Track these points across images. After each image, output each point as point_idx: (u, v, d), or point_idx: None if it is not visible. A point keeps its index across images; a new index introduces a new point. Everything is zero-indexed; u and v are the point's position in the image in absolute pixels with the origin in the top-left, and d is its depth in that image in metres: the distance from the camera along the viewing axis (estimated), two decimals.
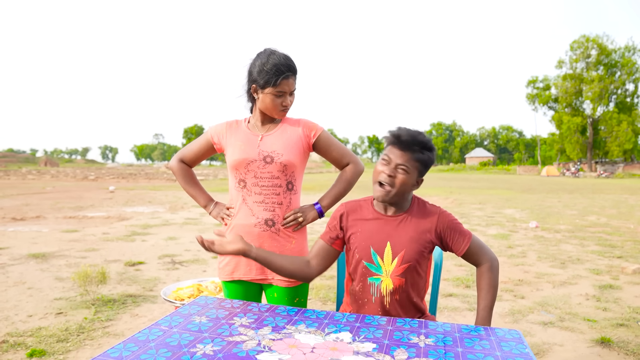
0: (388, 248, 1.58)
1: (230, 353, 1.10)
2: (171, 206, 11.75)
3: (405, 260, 1.57)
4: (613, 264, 5.28)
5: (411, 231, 1.59)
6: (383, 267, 1.59)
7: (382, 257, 1.58)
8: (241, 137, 1.77)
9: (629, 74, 46.48)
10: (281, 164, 1.72)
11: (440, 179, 32.27)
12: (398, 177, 1.54)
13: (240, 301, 1.55)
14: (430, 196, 15.68)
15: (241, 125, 1.82)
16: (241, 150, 1.74)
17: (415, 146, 1.54)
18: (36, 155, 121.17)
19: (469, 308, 3.68)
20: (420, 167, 1.57)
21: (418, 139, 1.55)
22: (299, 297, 1.81)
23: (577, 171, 40.54)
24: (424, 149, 1.56)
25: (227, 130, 1.81)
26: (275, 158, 1.72)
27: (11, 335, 2.98)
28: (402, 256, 1.57)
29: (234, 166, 1.75)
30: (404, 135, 1.55)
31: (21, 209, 10.67)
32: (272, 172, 1.73)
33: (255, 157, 1.72)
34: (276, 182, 1.73)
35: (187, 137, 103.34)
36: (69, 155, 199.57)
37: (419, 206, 1.64)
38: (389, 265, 1.58)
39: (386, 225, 1.60)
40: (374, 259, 1.59)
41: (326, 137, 1.82)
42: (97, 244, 6.29)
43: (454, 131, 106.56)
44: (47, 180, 27.88)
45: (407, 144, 1.54)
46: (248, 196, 1.75)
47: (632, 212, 10.96)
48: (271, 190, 1.73)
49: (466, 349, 1.15)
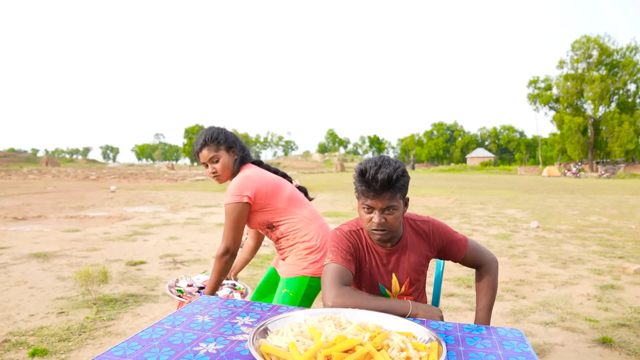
0: (394, 280, 1.61)
1: (233, 352, 1.10)
2: (172, 206, 11.76)
3: (412, 283, 1.63)
4: (614, 264, 5.28)
5: (412, 257, 1.60)
6: (391, 295, 1.63)
7: (390, 288, 1.62)
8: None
9: (630, 74, 46.40)
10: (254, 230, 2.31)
11: (441, 179, 32.25)
12: (389, 219, 1.48)
13: (243, 301, 1.56)
14: (431, 196, 15.68)
15: None
16: None
17: (389, 184, 1.44)
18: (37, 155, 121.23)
19: (470, 308, 3.68)
20: (402, 194, 1.50)
21: (388, 177, 1.42)
22: (288, 290, 1.99)
23: (578, 171, 40.51)
24: (398, 179, 1.45)
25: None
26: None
27: (13, 335, 2.99)
28: (408, 281, 1.61)
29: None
30: (373, 182, 1.43)
31: (22, 209, 10.69)
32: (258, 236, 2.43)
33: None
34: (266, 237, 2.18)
35: (188, 137, 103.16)
36: (70, 155, 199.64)
37: (411, 226, 1.63)
38: (396, 292, 1.63)
39: (388, 258, 1.60)
40: (382, 292, 1.63)
41: (225, 210, 1.96)
42: (99, 244, 6.30)
43: (455, 131, 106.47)
44: (49, 180, 27.92)
45: (382, 188, 1.43)
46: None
47: (633, 212, 10.95)
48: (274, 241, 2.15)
49: (468, 348, 1.15)
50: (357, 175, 1.48)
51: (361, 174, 1.47)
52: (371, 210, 1.49)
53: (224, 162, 1.99)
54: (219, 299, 1.56)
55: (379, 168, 1.44)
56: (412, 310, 1.39)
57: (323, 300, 1.46)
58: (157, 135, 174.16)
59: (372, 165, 1.45)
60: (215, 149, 1.98)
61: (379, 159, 1.48)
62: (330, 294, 1.42)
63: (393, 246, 1.59)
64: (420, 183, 25.87)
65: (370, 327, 1.15)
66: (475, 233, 7.54)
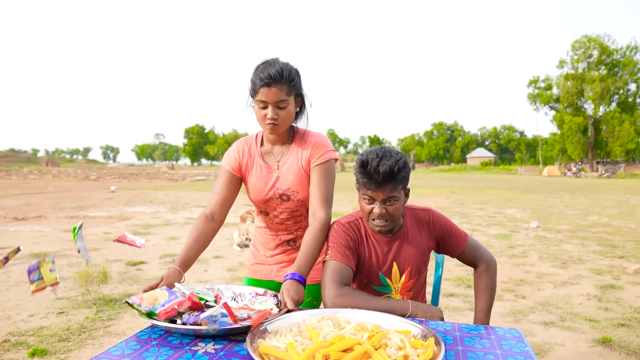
0: (395, 268, 1.59)
1: (231, 351, 1.10)
2: (172, 206, 11.77)
3: (413, 274, 1.60)
4: (614, 264, 5.28)
5: (413, 246, 1.58)
6: (392, 286, 1.61)
7: (391, 277, 1.60)
8: (257, 172, 1.69)
9: (631, 74, 46.39)
10: (299, 200, 1.68)
11: (441, 179, 32.25)
12: (390, 209, 1.48)
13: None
14: (431, 196, 15.68)
15: (253, 151, 1.72)
16: (256, 188, 1.70)
17: (391, 176, 1.43)
18: (37, 155, 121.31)
19: (469, 308, 3.68)
20: (403, 185, 1.49)
21: (390, 168, 1.42)
22: (312, 298, 1.79)
23: (578, 171, 40.50)
24: (399, 171, 1.44)
25: (241, 157, 1.72)
26: (292, 196, 1.67)
27: (13, 335, 2.99)
28: (409, 272, 1.59)
29: (252, 201, 1.76)
30: (374, 174, 1.43)
31: (23, 209, 10.70)
32: (291, 207, 1.70)
33: (271, 195, 1.68)
34: (296, 212, 1.72)
35: (188, 137, 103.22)
36: (70, 155, 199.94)
37: (411, 216, 1.62)
38: (397, 283, 1.60)
39: (389, 246, 1.59)
40: (382, 282, 1.61)
41: (324, 169, 1.64)
42: (99, 244, 6.30)
43: (455, 131, 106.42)
44: (49, 180, 27.92)
45: (383, 180, 1.43)
46: (270, 223, 1.77)
47: (633, 212, 10.94)
48: (292, 220, 1.74)
49: (466, 348, 1.15)
50: (358, 166, 1.48)
51: (362, 165, 1.46)
52: (372, 201, 1.49)
53: (290, 110, 1.59)
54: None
55: (381, 160, 1.43)
56: (412, 310, 1.39)
57: (323, 299, 1.46)
58: (157, 135, 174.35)
59: (373, 157, 1.44)
60: (288, 91, 1.56)
61: (380, 150, 1.47)
62: (330, 294, 1.41)
63: (394, 233, 1.59)
64: (421, 183, 25.87)
65: (369, 327, 1.15)
66: (475, 233, 7.54)
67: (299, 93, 1.64)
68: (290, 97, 1.58)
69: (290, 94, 1.57)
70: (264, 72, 1.53)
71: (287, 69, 1.56)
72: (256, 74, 1.56)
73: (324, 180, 1.63)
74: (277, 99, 1.54)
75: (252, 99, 1.60)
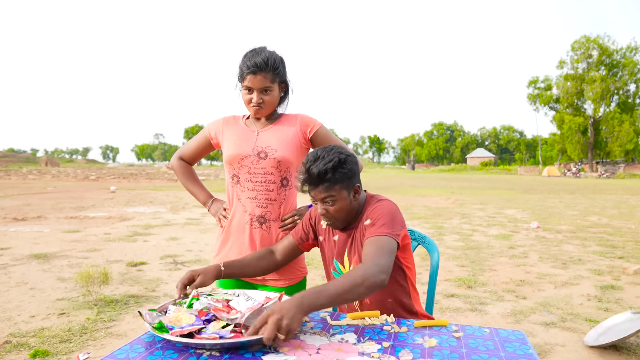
0: (345, 258, 1.60)
1: (236, 354, 1.10)
2: (172, 206, 11.76)
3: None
4: (614, 264, 5.29)
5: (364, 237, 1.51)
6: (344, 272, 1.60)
7: (343, 264, 1.61)
8: (237, 132, 1.79)
9: (631, 74, 46.44)
10: (275, 159, 1.72)
11: (441, 179, 32.28)
12: (330, 209, 1.49)
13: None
14: (431, 197, 15.70)
15: (238, 121, 1.84)
16: (236, 145, 1.75)
17: (321, 177, 1.43)
18: (37, 155, 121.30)
19: (470, 309, 3.68)
20: (345, 184, 1.47)
21: (320, 171, 1.42)
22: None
23: (578, 171, 40.53)
24: (337, 170, 1.43)
25: (224, 125, 1.83)
26: (270, 154, 1.72)
27: (14, 336, 2.99)
28: (357, 260, 1.55)
29: (228, 161, 1.77)
30: (308, 175, 1.45)
31: (22, 209, 10.69)
32: (266, 167, 1.73)
33: (249, 153, 1.73)
34: (269, 178, 1.73)
35: (188, 137, 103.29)
36: (69, 155, 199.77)
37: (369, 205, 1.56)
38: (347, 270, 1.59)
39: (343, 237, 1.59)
40: (337, 268, 1.63)
41: (324, 133, 1.81)
42: (99, 244, 6.30)
43: (455, 131, 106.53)
44: (48, 180, 27.92)
45: (318, 181, 1.44)
46: (241, 192, 1.76)
47: (633, 212, 10.95)
48: (264, 186, 1.74)
49: (470, 350, 1.15)
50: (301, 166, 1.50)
51: (302, 165, 1.49)
52: (314, 201, 1.52)
53: (274, 96, 1.72)
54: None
55: (314, 162, 1.45)
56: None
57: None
58: (157, 135, 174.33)
59: (310, 158, 1.47)
60: (272, 79, 1.69)
61: (321, 150, 1.48)
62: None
63: (349, 227, 1.58)
64: (420, 183, 25.88)
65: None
66: (475, 233, 7.55)
67: (283, 80, 1.77)
68: (275, 84, 1.72)
69: (275, 81, 1.71)
70: (251, 60, 1.66)
71: (272, 57, 1.69)
72: (244, 62, 1.69)
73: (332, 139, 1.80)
74: (262, 85, 1.68)
75: (240, 84, 1.74)
